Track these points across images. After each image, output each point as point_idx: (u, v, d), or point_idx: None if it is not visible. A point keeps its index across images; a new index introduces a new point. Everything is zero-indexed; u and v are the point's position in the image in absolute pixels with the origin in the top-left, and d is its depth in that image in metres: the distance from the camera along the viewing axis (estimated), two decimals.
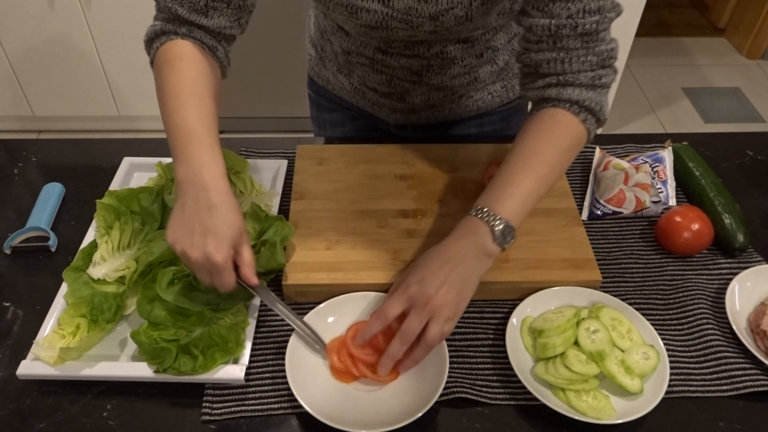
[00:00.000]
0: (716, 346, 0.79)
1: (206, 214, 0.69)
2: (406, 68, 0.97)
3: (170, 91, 0.76)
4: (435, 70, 0.97)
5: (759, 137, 1.14)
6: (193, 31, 0.80)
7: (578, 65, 0.77)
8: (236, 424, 0.72)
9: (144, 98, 2.49)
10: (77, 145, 1.11)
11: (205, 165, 0.72)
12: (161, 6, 0.80)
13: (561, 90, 0.79)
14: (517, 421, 0.73)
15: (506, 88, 1.07)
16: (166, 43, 0.80)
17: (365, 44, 0.96)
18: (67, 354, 0.73)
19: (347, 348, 0.75)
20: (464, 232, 0.75)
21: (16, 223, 0.94)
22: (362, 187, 0.95)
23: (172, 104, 0.76)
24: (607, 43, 0.78)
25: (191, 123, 0.74)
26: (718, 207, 0.93)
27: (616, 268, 0.89)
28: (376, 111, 1.09)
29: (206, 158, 0.72)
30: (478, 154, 1.01)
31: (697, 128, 2.73)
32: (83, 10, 2.20)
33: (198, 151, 0.72)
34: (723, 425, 0.73)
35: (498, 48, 0.99)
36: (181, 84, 0.77)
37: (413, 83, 0.99)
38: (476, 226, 0.74)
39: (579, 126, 0.80)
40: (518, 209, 0.75)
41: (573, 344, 0.77)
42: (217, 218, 0.69)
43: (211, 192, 0.70)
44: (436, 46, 0.93)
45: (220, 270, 0.69)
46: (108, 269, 0.82)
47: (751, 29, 3.14)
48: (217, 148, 0.74)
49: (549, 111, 0.80)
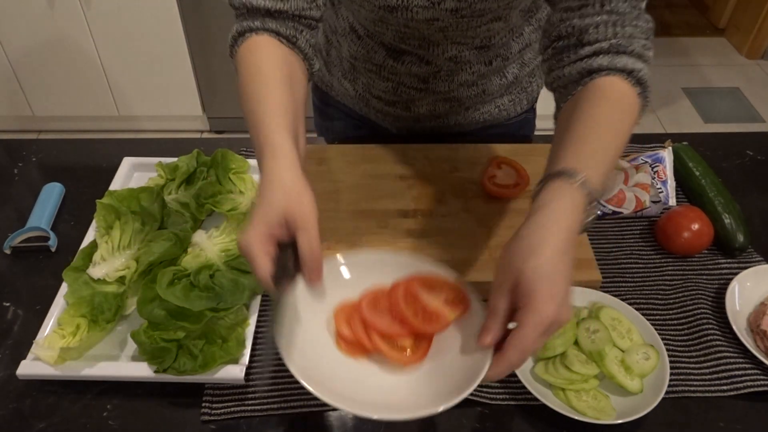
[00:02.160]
0: (716, 346, 0.79)
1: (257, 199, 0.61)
2: (413, 75, 0.96)
3: (242, 82, 0.71)
4: (442, 77, 0.96)
5: (759, 137, 1.14)
6: (267, 23, 0.74)
7: (631, 29, 0.68)
8: (236, 424, 0.72)
9: (144, 98, 2.49)
10: (77, 145, 1.11)
11: (263, 146, 0.63)
12: (236, 4, 0.75)
13: (614, 58, 0.67)
14: (517, 421, 0.73)
15: (514, 102, 1.06)
16: (242, 44, 0.74)
17: (375, 49, 0.95)
18: (67, 354, 0.73)
19: (361, 313, 0.62)
20: (566, 205, 0.58)
21: (16, 223, 0.94)
22: (362, 188, 0.95)
23: (243, 96, 0.70)
24: (647, 15, 0.70)
25: (257, 112, 0.66)
26: (718, 207, 0.93)
27: (615, 268, 0.89)
28: (380, 120, 1.09)
29: (265, 142, 0.63)
30: (478, 154, 1.01)
31: (697, 128, 2.73)
32: (83, 10, 2.21)
33: (259, 138, 0.64)
34: (723, 425, 0.73)
35: (508, 57, 0.97)
36: (251, 72, 0.71)
37: (419, 91, 0.98)
38: (575, 200, 0.59)
39: (636, 100, 0.68)
40: (601, 181, 0.62)
41: (573, 344, 0.77)
42: (258, 200, 0.60)
43: (262, 174, 0.62)
44: (450, 50, 0.91)
45: (245, 255, 0.58)
46: (108, 269, 0.82)
47: (751, 29, 3.14)
48: (284, 124, 0.64)
49: (605, 81, 0.67)
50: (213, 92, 2.50)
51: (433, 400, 0.56)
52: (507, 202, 0.93)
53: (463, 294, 0.64)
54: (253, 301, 0.81)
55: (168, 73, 2.40)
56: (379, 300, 0.63)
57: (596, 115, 0.65)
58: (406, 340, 0.61)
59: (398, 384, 0.60)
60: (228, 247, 0.84)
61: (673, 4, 3.62)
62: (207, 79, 2.45)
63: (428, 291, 0.64)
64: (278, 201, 0.59)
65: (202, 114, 2.58)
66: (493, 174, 0.94)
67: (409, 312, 0.61)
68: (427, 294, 0.63)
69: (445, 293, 0.64)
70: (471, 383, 0.55)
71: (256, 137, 0.64)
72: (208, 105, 2.55)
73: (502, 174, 0.94)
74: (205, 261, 0.82)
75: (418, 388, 0.59)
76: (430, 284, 0.64)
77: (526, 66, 1.01)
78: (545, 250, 0.56)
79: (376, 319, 0.61)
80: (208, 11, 2.22)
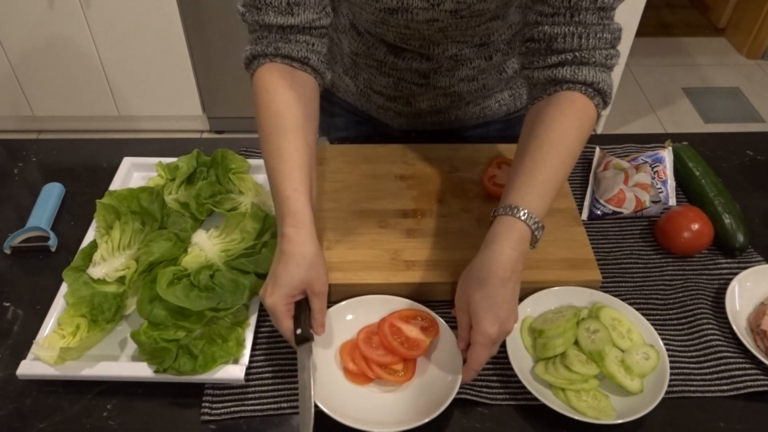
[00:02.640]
0: (716, 346, 0.79)
1: (276, 261, 0.73)
2: (414, 71, 0.96)
3: (261, 129, 0.78)
4: (443, 72, 0.96)
5: (759, 137, 1.14)
6: (280, 47, 0.79)
7: (594, 41, 0.75)
8: (236, 424, 0.72)
9: (144, 98, 2.49)
10: (77, 145, 1.11)
11: (284, 213, 0.73)
12: (249, 21, 0.80)
13: (576, 70, 0.76)
14: (517, 421, 0.73)
15: (513, 97, 1.07)
16: (257, 71, 0.80)
17: (376, 45, 0.95)
18: (67, 354, 0.73)
19: (360, 350, 0.76)
20: (512, 237, 0.71)
21: (16, 223, 0.94)
22: (362, 187, 0.95)
23: (264, 144, 0.77)
24: (616, 23, 0.77)
25: (276, 168, 0.75)
26: (718, 207, 0.93)
27: (616, 268, 0.89)
28: (381, 115, 1.09)
29: (284, 206, 0.73)
30: (478, 154, 1.01)
31: (697, 128, 2.73)
32: (83, 10, 2.21)
33: (279, 199, 0.74)
34: (723, 425, 0.73)
35: (508, 53, 0.98)
36: (267, 120, 0.78)
37: (420, 86, 0.99)
38: (521, 231, 0.71)
39: (593, 111, 0.77)
40: (546, 207, 0.74)
41: (573, 344, 0.77)
42: (282, 265, 0.71)
43: (284, 240, 0.72)
44: (450, 49, 0.92)
45: (271, 313, 0.72)
46: (108, 269, 0.82)
47: (751, 29, 3.14)
48: (301, 189, 0.74)
49: (566, 95, 0.76)
50: (213, 92, 2.50)
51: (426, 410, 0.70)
52: None
53: (433, 320, 0.79)
54: (253, 301, 0.81)
55: (168, 73, 2.40)
56: (371, 337, 0.78)
57: (552, 139, 0.74)
58: (397, 365, 0.76)
59: (397, 400, 0.74)
60: (228, 247, 0.84)
61: (673, 4, 3.63)
62: (207, 79, 2.45)
63: (406, 323, 0.78)
64: (300, 274, 0.71)
65: (202, 114, 2.58)
66: (493, 174, 0.94)
67: (396, 343, 0.76)
68: (406, 326, 0.78)
69: (420, 322, 0.79)
70: (452, 390, 0.71)
71: (277, 196, 0.75)
72: (208, 105, 2.55)
73: (503, 174, 0.94)
74: (205, 261, 0.82)
75: (414, 401, 0.73)
76: (406, 317, 0.79)
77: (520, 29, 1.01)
78: (490, 282, 0.70)
79: (373, 354, 0.75)
80: (208, 11, 2.22)
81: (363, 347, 0.76)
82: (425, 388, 0.74)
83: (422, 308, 0.80)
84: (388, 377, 0.74)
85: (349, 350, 0.77)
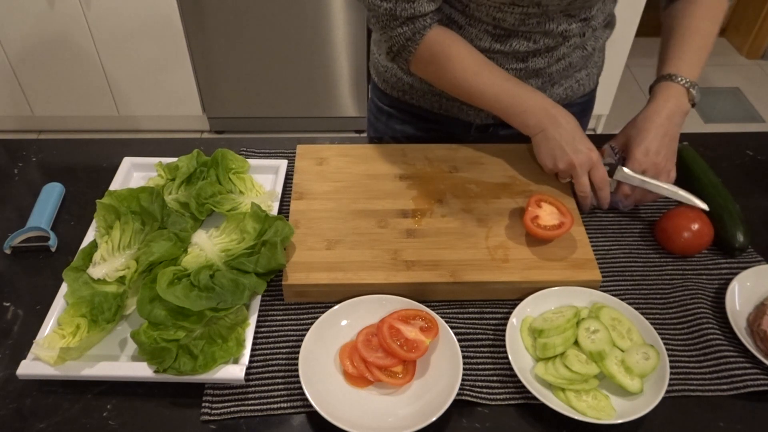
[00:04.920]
0: (716, 346, 0.79)
1: (568, 134, 0.89)
2: (513, 55, 0.97)
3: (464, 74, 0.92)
4: (542, 54, 0.98)
5: (759, 137, 1.14)
6: (434, 17, 0.91)
7: None
8: (236, 424, 0.72)
9: (144, 98, 2.49)
10: (77, 145, 1.11)
11: (544, 103, 0.90)
12: (405, 14, 0.88)
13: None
14: (517, 421, 0.73)
15: (589, 76, 1.10)
16: (422, 40, 0.92)
17: (479, 36, 0.96)
18: (67, 354, 0.73)
19: (359, 353, 0.76)
20: (668, 95, 0.91)
21: (16, 223, 0.94)
22: (362, 187, 0.95)
23: (475, 82, 0.92)
24: None
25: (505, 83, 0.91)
26: (718, 207, 0.93)
27: (615, 268, 0.89)
28: (462, 113, 1.09)
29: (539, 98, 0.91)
30: (478, 154, 1.01)
31: (697, 128, 2.73)
32: (83, 10, 2.21)
33: (528, 96, 0.91)
34: (723, 425, 0.73)
35: (596, 28, 1.00)
36: (466, 64, 0.92)
37: (517, 71, 1.00)
38: (676, 91, 0.92)
39: (725, 6, 0.99)
40: (698, 74, 0.94)
41: (573, 344, 0.77)
42: (578, 135, 0.90)
43: (562, 119, 0.90)
44: (562, 24, 0.94)
45: (598, 164, 0.89)
46: (108, 269, 0.82)
47: (751, 29, 3.14)
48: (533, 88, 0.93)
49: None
50: (213, 92, 2.50)
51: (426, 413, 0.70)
52: (507, 205, 0.93)
53: (433, 320, 0.78)
54: (253, 301, 0.81)
55: (168, 73, 2.41)
56: (370, 339, 0.77)
57: (692, 27, 0.96)
58: (397, 368, 0.76)
59: (397, 403, 0.73)
60: (228, 247, 0.84)
61: None
62: (207, 79, 2.45)
63: (406, 324, 0.78)
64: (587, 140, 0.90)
65: (202, 114, 2.58)
66: (535, 215, 0.89)
67: (395, 345, 0.75)
68: (405, 327, 0.77)
69: (420, 322, 0.78)
70: (452, 391, 0.71)
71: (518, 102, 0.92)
72: (208, 105, 2.55)
73: (545, 214, 0.89)
74: (205, 261, 0.82)
75: (413, 403, 0.73)
76: (406, 317, 0.78)
77: (599, 39, 1.04)
78: (645, 126, 0.91)
79: (372, 356, 0.75)
80: (208, 11, 2.22)
81: (362, 349, 0.76)
82: (425, 390, 0.74)
83: (422, 308, 0.80)
84: (387, 380, 0.74)
85: (349, 352, 0.77)
